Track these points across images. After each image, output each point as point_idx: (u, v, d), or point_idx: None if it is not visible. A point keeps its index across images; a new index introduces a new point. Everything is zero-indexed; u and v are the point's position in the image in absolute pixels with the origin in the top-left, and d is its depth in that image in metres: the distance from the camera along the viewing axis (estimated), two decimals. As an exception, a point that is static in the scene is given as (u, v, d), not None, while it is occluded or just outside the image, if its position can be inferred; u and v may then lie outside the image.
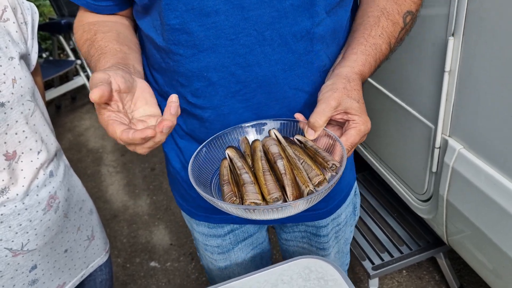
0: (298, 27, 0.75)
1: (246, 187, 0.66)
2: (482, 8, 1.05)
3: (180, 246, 2.32)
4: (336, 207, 1.02)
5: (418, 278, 1.92)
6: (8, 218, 0.89)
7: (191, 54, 0.77)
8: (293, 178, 0.67)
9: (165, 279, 2.14)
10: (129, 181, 2.88)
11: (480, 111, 1.14)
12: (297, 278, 0.86)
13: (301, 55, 0.78)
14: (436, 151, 1.34)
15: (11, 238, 0.91)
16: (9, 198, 0.88)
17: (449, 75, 1.21)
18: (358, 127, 0.69)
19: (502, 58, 1.02)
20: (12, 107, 0.85)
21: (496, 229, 1.18)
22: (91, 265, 1.16)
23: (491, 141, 1.13)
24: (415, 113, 1.41)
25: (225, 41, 0.74)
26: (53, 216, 0.98)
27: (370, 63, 0.77)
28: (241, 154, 0.75)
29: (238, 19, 0.73)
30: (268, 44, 0.75)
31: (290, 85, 0.80)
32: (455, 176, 1.27)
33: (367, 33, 0.78)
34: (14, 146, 0.88)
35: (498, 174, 1.12)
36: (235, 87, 0.79)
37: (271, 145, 0.73)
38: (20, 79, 0.86)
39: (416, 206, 1.57)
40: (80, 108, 3.94)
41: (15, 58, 0.87)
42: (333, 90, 0.70)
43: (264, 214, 0.63)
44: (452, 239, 1.47)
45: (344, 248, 1.16)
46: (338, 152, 0.69)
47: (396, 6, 0.81)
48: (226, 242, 1.09)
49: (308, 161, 0.69)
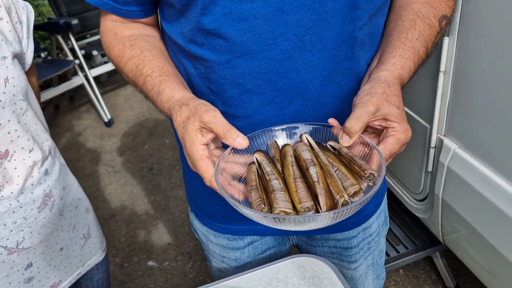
0: (339, 32, 0.71)
1: (276, 194, 0.61)
2: (477, 9, 1.06)
3: (178, 245, 2.32)
4: (366, 217, 0.97)
5: (414, 277, 1.92)
6: (2, 216, 0.89)
7: (226, 60, 0.73)
8: (327, 187, 0.62)
9: (163, 279, 2.14)
10: (127, 181, 2.88)
11: (475, 111, 1.15)
12: (292, 277, 0.86)
13: (340, 60, 0.74)
14: (431, 150, 1.35)
15: (6, 236, 0.91)
16: (3, 196, 0.89)
17: (444, 75, 1.21)
18: (398, 135, 0.64)
19: (497, 58, 1.03)
20: (4, 107, 0.85)
21: (491, 228, 1.18)
22: (87, 264, 1.16)
23: (486, 141, 1.13)
24: (411, 112, 1.41)
25: (263, 46, 0.71)
26: (48, 214, 0.98)
27: (409, 67, 0.73)
28: (271, 159, 0.70)
29: (277, 23, 0.69)
30: (307, 50, 0.72)
31: (329, 92, 0.77)
32: (450, 175, 1.28)
33: (403, 36, 0.75)
34: (6, 145, 0.88)
35: (492, 174, 1.13)
36: (271, 94, 0.76)
37: (303, 150, 0.68)
38: (13, 79, 0.86)
39: (412, 205, 1.57)
40: (78, 107, 3.94)
41: (8, 57, 0.86)
42: (371, 94, 0.65)
43: (294, 225, 0.58)
44: (448, 239, 1.47)
45: (380, 260, 1.10)
46: (375, 161, 0.64)
47: (432, 10, 0.78)
48: (245, 255, 1.04)
49: (343, 169, 0.64)
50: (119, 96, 4.07)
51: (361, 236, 1.00)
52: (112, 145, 3.29)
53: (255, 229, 0.97)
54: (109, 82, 4.30)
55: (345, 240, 1.00)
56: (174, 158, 3.05)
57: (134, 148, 3.22)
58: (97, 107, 3.61)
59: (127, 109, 3.82)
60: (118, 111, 3.81)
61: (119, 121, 3.64)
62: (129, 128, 3.51)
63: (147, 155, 3.12)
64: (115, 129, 3.53)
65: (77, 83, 3.57)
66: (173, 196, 2.68)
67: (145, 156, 3.11)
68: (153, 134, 3.37)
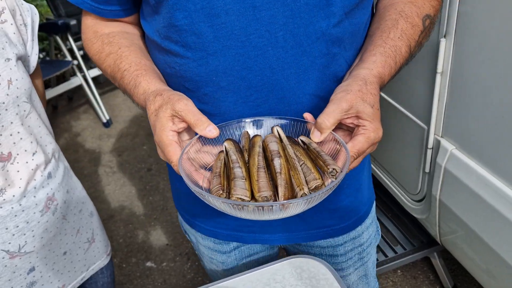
0: (312, 28, 0.71)
1: (236, 181, 0.62)
2: (474, 10, 1.06)
3: (176, 246, 2.32)
4: (353, 226, 0.96)
5: (412, 277, 1.93)
6: (4, 219, 0.89)
7: (200, 57, 0.73)
8: (288, 179, 0.62)
9: (161, 279, 2.14)
10: (125, 182, 2.88)
11: (471, 112, 1.15)
12: (289, 278, 0.86)
13: (315, 58, 0.73)
14: (428, 151, 1.35)
15: (8, 240, 0.91)
16: (5, 199, 0.88)
17: (441, 76, 1.22)
18: (368, 134, 0.64)
19: (494, 60, 1.03)
20: (7, 108, 0.85)
21: (488, 229, 1.19)
22: (92, 268, 1.15)
23: (483, 142, 1.14)
24: (408, 113, 1.42)
25: (235, 43, 0.71)
26: (51, 218, 0.97)
27: (390, 65, 0.72)
28: (239, 148, 0.71)
29: (249, 19, 0.69)
30: (281, 46, 0.71)
31: (304, 90, 0.76)
32: (447, 176, 1.28)
33: (385, 35, 0.74)
34: (9, 148, 0.87)
35: (489, 175, 1.13)
36: (245, 92, 0.75)
37: (271, 142, 0.69)
38: (17, 80, 0.86)
39: (410, 206, 1.58)
40: (77, 108, 3.94)
41: (12, 59, 0.86)
42: (346, 91, 0.65)
43: (251, 213, 0.58)
44: (445, 239, 1.48)
45: (373, 271, 1.08)
46: (342, 158, 0.64)
47: (415, 9, 0.77)
48: (231, 259, 1.04)
49: (308, 163, 0.65)
50: (117, 96, 4.07)
51: (349, 246, 0.99)
52: (110, 146, 3.29)
53: (238, 235, 0.97)
54: (107, 83, 4.30)
55: (330, 248, 0.99)
56: (173, 158, 3.05)
57: (132, 149, 3.22)
58: (96, 107, 3.60)
59: (126, 109, 3.82)
60: (116, 111, 3.81)
61: (118, 121, 3.64)
62: (127, 129, 3.51)
63: (145, 155, 3.12)
64: (113, 130, 3.53)
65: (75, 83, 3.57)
66: (172, 197, 2.68)
67: (143, 157, 3.11)
68: (151, 134, 3.36)
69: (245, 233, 0.96)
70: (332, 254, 0.99)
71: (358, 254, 1.01)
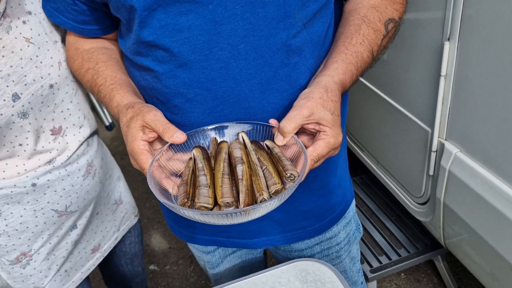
0: (273, 40, 0.74)
1: (200, 189, 0.65)
2: (478, 13, 1.06)
3: (179, 249, 2.32)
4: (327, 225, 0.99)
5: (416, 280, 1.92)
6: (53, 183, 1.00)
7: (168, 70, 0.76)
8: (250, 185, 0.65)
9: (164, 282, 2.14)
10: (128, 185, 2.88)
11: (476, 115, 1.15)
12: (294, 281, 0.87)
13: (277, 68, 0.76)
14: (432, 154, 1.35)
15: (57, 201, 1.02)
16: (54, 166, 0.99)
17: (445, 79, 1.22)
18: (328, 139, 0.68)
19: (498, 62, 1.04)
20: (59, 88, 0.95)
21: (492, 231, 1.19)
22: (122, 228, 1.27)
23: (487, 145, 1.14)
24: (412, 116, 1.42)
25: (199, 57, 0.74)
26: (91, 181, 1.09)
27: (352, 72, 0.75)
28: (207, 155, 0.74)
29: (211, 33, 0.72)
30: (243, 58, 0.74)
31: (269, 99, 0.78)
32: (451, 179, 1.28)
33: (347, 41, 0.77)
34: (60, 122, 0.98)
35: (494, 177, 1.13)
36: (212, 103, 0.78)
37: (235, 148, 0.72)
38: (65, 61, 0.95)
39: (414, 209, 1.58)
40: (79, 111, 3.96)
41: (58, 41, 0.95)
42: (308, 98, 0.69)
43: (215, 219, 0.61)
44: (449, 242, 1.47)
45: (353, 267, 1.12)
46: (302, 162, 0.67)
47: (378, 14, 0.80)
48: (216, 258, 1.09)
49: (270, 168, 0.68)
50: (120, 100, 4.07)
51: (325, 245, 1.02)
52: (113, 149, 3.30)
53: (217, 240, 1.00)
54: (110, 86, 4.31)
55: (308, 249, 1.02)
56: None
57: (135, 152, 3.22)
58: (98, 111, 3.60)
59: (128, 113, 3.83)
60: (119, 115, 3.81)
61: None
62: (130, 132, 3.51)
63: (148, 159, 3.13)
64: (116, 133, 3.53)
65: (78, 87, 3.58)
66: (174, 200, 2.68)
67: (146, 160, 3.11)
68: (154, 138, 3.38)
69: (223, 238, 0.99)
70: (310, 255, 1.04)
71: (335, 253, 1.05)
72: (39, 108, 0.92)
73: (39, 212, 1.00)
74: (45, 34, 0.92)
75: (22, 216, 0.99)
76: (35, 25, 0.90)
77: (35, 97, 0.90)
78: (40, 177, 0.98)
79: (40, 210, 1.00)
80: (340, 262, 1.07)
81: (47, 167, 0.98)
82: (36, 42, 0.90)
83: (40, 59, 0.90)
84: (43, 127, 0.95)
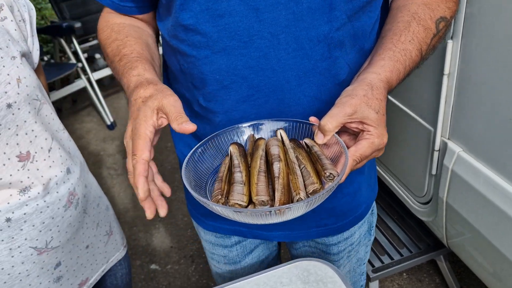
0: (315, 32, 0.71)
1: (235, 186, 0.63)
2: (481, 12, 1.06)
3: (180, 248, 2.32)
4: (349, 225, 0.97)
5: (418, 280, 1.92)
6: (31, 216, 0.90)
7: (204, 56, 0.75)
8: (286, 184, 0.63)
9: (166, 282, 2.14)
10: (130, 184, 2.88)
11: (479, 114, 1.14)
12: (296, 280, 0.86)
13: (317, 61, 0.74)
14: (435, 153, 1.34)
15: (36, 237, 0.92)
16: (30, 197, 0.89)
17: (448, 78, 1.21)
18: (372, 140, 0.64)
19: (501, 61, 1.03)
20: (19, 107, 0.84)
21: (495, 231, 1.18)
22: (111, 260, 1.19)
23: (490, 144, 1.13)
24: (415, 115, 1.41)
25: (238, 43, 0.72)
26: (74, 212, 0.99)
27: (399, 70, 0.71)
28: (244, 152, 0.72)
29: (252, 21, 0.70)
30: (283, 49, 0.72)
31: (305, 92, 0.76)
32: (454, 178, 1.28)
33: (396, 39, 0.73)
34: (26, 147, 0.88)
35: (497, 177, 1.12)
36: (247, 92, 0.76)
37: (273, 145, 0.70)
38: (25, 78, 0.85)
39: (416, 208, 1.57)
40: (81, 111, 3.95)
41: (17, 57, 0.85)
42: (351, 96, 0.65)
43: (248, 217, 0.59)
44: (452, 242, 1.47)
45: (358, 268, 1.10)
46: (342, 161, 0.64)
47: (429, 11, 0.76)
48: (233, 254, 1.06)
49: (309, 167, 0.65)
50: (121, 99, 4.08)
51: (342, 245, 1.00)
52: (114, 148, 3.30)
53: (238, 230, 0.98)
54: (111, 85, 4.31)
55: (323, 245, 1.01)
56: (176, 161, 3.05)
57: (136, 151, 3.22)
58: (100, 110, 3.61)
59: (130, 112, 3.83)
60: (120, 114, 3.81)
61: (122, 124, 3.65)
62: (131, 131, 3.51)
63: (149, 158, 3.12)
64: (117, 132, 3.53)
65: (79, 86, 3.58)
66: (176, 199, 2.68)
67: (147, 159, 3.11)
68: (155, 137, 3.38)
69: (245, 228, 0.98)
70: (325, 251, 1.02)
71: (347, 253, 1.03)
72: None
73: (15, 251, 0.89)
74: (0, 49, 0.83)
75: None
76: None
77: None
78: (15, 211, 0.87)
79: (17, 248, 0.89)
80: (349, 261, 1.05)
81: (22, 198, 0.88)
82: None
83: None
84: (7, 153, 0.84)
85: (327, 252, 1.02)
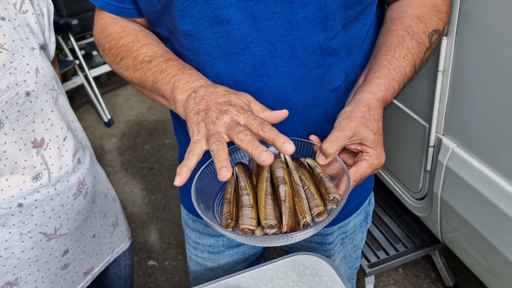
0: (309, 41, 0.73)
1: (243, 210, 0.65)
2: (475, 9, 1.07)
3: (178, 245, 2.33)
4: (344, 217, 1.00)
5: (414, 275, 1.93)
6: (41, 203, 0.93)
7: (204, 61, 0.77)
8: (292, 206, 0.65)
9: (164, 278, 2.15)
10: (127, 181, 2.89)
11: (473, 110, 1.15)
12: (292, 274, 0.87)
13: (311, 69, 0.76)
14: (430, 149, 1.36)
15: (45, 223, 0.95)
16: (42, 184, 0.92)
17: (442, 75, 1.22)
18: (371, 161, 0.67)
19: (495, 58, 1.04)
20: (37, 96, 0.89)
21: (489, 226, 1.19)
22: (116, 251, 1.22)
23: (484, 140, 1.14)
24: (410, 112, 1.42)
25: (236, 50, 0.74)
26: (83, 201, 1.02)
27: (394, 88, 0.74)
28: (249, 172, 0.73)
29: (250, 29, 0.72)
30: (278, 56, 0.74)
31: (299, 98, 0.78)
32: (448, 174, 1.29)
33: (390, 55, 0.75)
34: (41, 134, 0.92)
35: (491, 172, 1.14)
36: None
37: (278, 167, 0.70)
38: (43, 69, 0.90)
39: (411, 204, 1.58)
40: (78, 108, 3.95)
41: (36, 48, 0.90)
42: (350, 118, 0.67)
43: (256, 242, 0.62)
44: (447, 237, 1.48)
45: (353, 253, 1.13)
46: (344, 183, 0.67)
47: (422, 25, 0.78)
48: (219, 243, 1.08)
49: (312, 189, 0.67)
50: (119, 96, 4.08)
51: (336, 234, 1.03)
52: (112, 145, 3.30)
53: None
54: (109, 82, 4.31)
55: (319, 236, 1.03)
56: (175, 158, 3.06)
57: (134, 148, 3.22)
58: (97, 107, 3.61)
59: (127, 109, 3.83)
60: (118, 111, 3.81)
61: (119, 121, 3.65)
62: (129, 128, 3.52)
63: (147, 155, 3.13)
64: (115, 129, 3.53)
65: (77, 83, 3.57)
66: (174, 196, 2.69)
67: (145, 156, 3.12)
68: (153, 134, 3.38)
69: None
70: (321, 242, 1.04)
71: (341, 240, 1.05)
72: (16, 117, 0.86)
73: (25, 236, 0.93)
74: (20, 41, 0.87)
75: (7, 241, 0.91)
76: (9, 31, 0.86)
77: (10, 105, 0.84)
78: (27, 197, 0.90)
79: (27, 233, 0.93)
80: (343, 248, 1.08)
81: (34, 185, 0.91)
82: (10, 48, 0.85)
83: (15, 65, 0.85)
84: (23, 139, 0.88)
85: (322, 242, 1.04)
